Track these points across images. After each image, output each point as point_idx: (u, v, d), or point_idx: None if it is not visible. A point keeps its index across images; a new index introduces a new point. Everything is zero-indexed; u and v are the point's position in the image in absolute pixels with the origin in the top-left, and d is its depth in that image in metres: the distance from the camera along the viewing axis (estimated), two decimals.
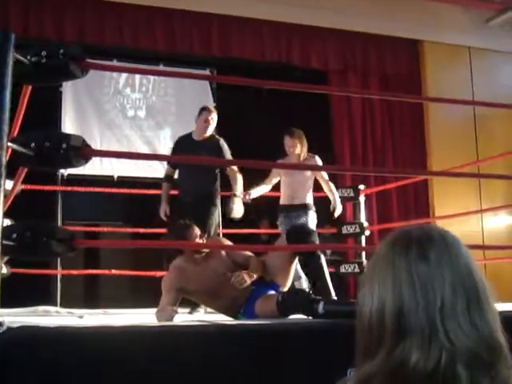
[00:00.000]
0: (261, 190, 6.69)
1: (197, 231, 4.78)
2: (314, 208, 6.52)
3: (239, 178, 6.45)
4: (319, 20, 8.99)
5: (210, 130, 6.63)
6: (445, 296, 1.18)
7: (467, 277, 1.21)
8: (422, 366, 1.14)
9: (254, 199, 6.59)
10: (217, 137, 6.74)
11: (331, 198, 6.60)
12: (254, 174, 6.73)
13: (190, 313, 6.08)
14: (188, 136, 6.75)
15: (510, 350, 1.20)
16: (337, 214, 6.59)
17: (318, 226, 6.51)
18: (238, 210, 6.23)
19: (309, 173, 6.53)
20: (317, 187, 6.68)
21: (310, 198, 6.55)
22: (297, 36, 9.17)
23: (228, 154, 6.57)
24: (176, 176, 6.68)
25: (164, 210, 6.50)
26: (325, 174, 6.63)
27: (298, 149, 6.49)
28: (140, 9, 8.32)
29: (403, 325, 1.18)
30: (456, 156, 8.51)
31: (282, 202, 6.62)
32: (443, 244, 1.24)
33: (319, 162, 6.55)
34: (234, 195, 6.31)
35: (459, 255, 1.24)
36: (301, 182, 6.49)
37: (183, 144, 6.62)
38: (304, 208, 6.47)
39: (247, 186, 6.57)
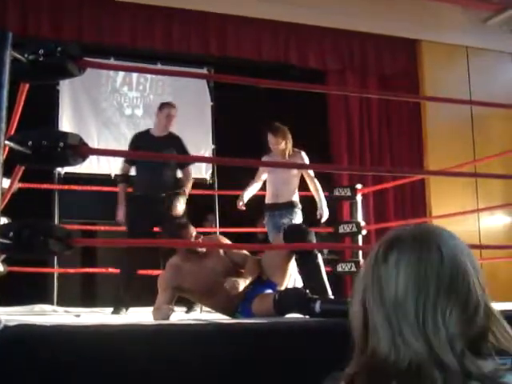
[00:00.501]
0: (252, 190, 6.72)
1: (192, 230, 4.77)
2: (299, 206, 6.51)
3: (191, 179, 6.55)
4: (317, 19, 8.99)
5: (171, 126, 6.60)
6: (398, 294, 1.19)
7: (430, 278, 1.19)
8: (392, 361, 1.15)
9: (252, 199, 6.61)
10: (175, 134, 6.67)
11: (317, 200, 6.57)
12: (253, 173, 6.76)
13: (187, 312, 6.08)
14: (146, 132, 6.69)
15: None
16: (323, 219, 6.58)
17: (313, 225, 6.49)
18: (180, 208, 6.19)
19: (294, 170, 6.52)
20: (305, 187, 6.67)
21: (295, 196, 6.53)
22: (295, 35, 9.17)
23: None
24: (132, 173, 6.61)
25: (122, 211, 6.40)
26: (311, 172, 6.60)
27: (282, 145, 6.45)
28: (137, 7, 8.32)
29: (368, 326, 1.22)
30: (453, 155, 8.51)
31: (266, 200, 6.61)
32: (411, 244, 1.24)
33: (305, 157, 6.49)
34: (182, 193, 6.30)
35: (426, 257, 1.21)
36: (285, 179, 6.46)
37: (141, 140, 6.50)
38: (289, 206, 6.45)
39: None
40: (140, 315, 5.46)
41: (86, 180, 8.02)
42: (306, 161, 6.49)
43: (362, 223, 7.22)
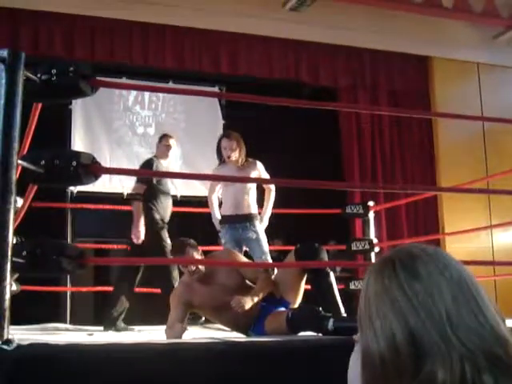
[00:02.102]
0: (216, 208, 6.57)
1: (191, 250, 4.72)
2: (259, 218, 6.37)
3: None
4: (328, 37, 9.02)
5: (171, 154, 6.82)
6: (447, 305, 1.18)
7: (460, 281, 1.21)
8: (449, 382, 1.13)
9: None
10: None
11: (264, 209, 6.47)
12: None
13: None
14: (155, 158, 6.85)
15: None
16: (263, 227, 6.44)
17: (324, 242, 6.41)
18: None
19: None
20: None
21: (254, 208, 6.38)
22: (305, 53, 9.20)
23: None
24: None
25: (140, 231, 6.49)
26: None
27: (237, 153, 6.30)
28: (149, 26, 8.37)
29: (419, 348, 1.16)
30: (465, 172, 8.50)
31: (223, 212, 6.42)
32: (427, 257, 1.24)
33: (261, 167, 6.38)
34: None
35: (446, 263, 1.23)
36: (244, 190, 6.31)
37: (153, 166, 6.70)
38: (251, 219, 6.30)
39: None
40: (152, 334, 5.46)
41: (99, 199, 8.04)
42: (263, 170, 6.38)
43: (375, 240, 7.19)
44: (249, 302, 4.37)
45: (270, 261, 6.41)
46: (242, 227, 6.27)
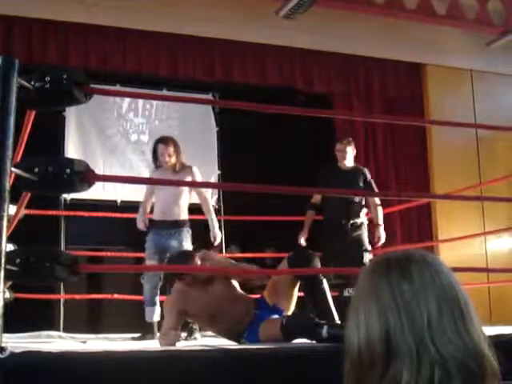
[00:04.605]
0: (144, 213, 6.51)
1: (196, 260, 4.72)
2: (188, 225, 6.35)
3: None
4: (322, 44, 9.04)
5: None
6: (431, 312, 1.20)
7: (450, 292, 1.23)
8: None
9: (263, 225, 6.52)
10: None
11: (209, 221, 6.42)
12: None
13: (186, 338, 6.02)
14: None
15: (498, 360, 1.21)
16: (217, 242, 6.43)
17: (318, 249, 6.39)
18: None
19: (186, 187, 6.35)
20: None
21: (185, 215, 6.36)
22: (299, 60, 9.21)
23: None
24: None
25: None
26: (204, 191, 6.49)
27: (174, 158, 6.29)
28: (142, 34, 8.37)
29: (391, 348, 1.19)
30: (459, 179, 8.52)
31: (153, 217, 6.41)
32: (423, 263, 1.26)
33: (197, 172, 6.41)
34: None
35: (440, 272, 1.25)
36: (175, 195, 6.28)
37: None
38: (178, 226, 6.29)
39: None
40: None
41: (92, 206, 8.03)
42: (198, 176, 6.40)
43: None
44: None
45: None
46: (167, 234, 6.25)
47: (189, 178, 6.30)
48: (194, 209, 6.69)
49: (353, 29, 8.96)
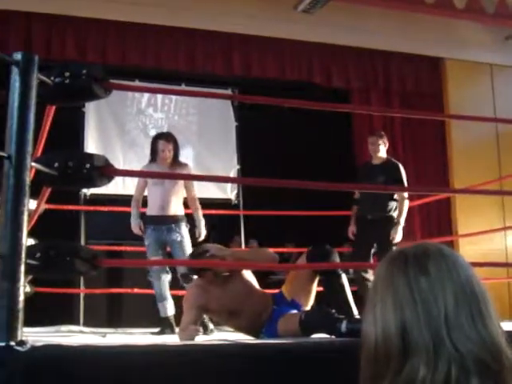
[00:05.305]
0: (138, 214, 6.51)
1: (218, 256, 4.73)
2: (185, 220, 6.36)
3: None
4: (339, 39, 9.01)
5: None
6: (448, 307, 1.19)
7: (467, 286, 1.22)
8: (429, 381, 1.14)
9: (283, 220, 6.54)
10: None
11: (196, 218, 6.43)
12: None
13: (205, 333, 6.01)
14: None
15: None
16: (201, 238, 6.40)
17: (337, 244, 6.41)
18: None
19: (181, 182, 6.34)
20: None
21: (181, 210, 6.37)
22: (317, 55, 9.19)
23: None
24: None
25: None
26: (195, 190, 6.49)
27: (172, 154, 6.32)
28: (161, 29, 8.38)
29: (408, 342, 1.19)
30: (479, 173, 8.47)
31: (149, 212, 6.41)
32: (441, 256, 1.25)
33: (191, 170, 6.52)
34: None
35: (458, 266, 1.25)
36: (172, 191, 6.29)
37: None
38: (177, 221, 6.29)
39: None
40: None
41: (112, 201, 8.06)
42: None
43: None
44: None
45: None
46: (167, 229, 6.26)
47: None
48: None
49: (371, 23, 8.93)
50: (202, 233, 6.39)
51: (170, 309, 6.29)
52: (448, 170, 9.62)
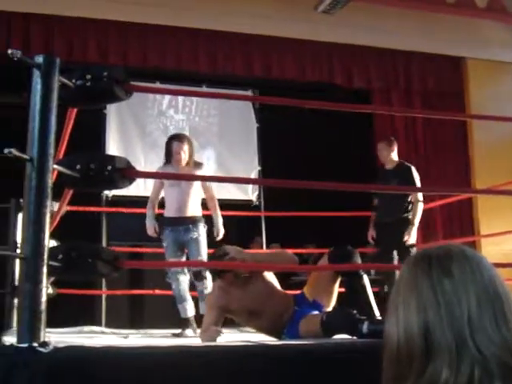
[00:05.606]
0: (153, 216, 6.48)
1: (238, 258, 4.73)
2: (203, 221, 6.33)
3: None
4: (360, 39, 9.00)
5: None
6: (471, 308, 1.18)
7: (491, 287, 1.21)
8: (452, 383, 1.14)
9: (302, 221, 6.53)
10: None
11: (214, 217, 6.41)
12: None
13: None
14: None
15: None
16: (219, 237, 6.37)
17: (358, 245, 6.39)
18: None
19: (198, 182, 6.31)
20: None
21: (199, 211, 6.34)
22: (338, 55, 9.19)
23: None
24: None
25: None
26: (213, 189, 6.47)
27: (187, 156, 6.26)
28: (182, 31, 8.40)
29: (430, 343, 1.18)
30: (500, 173, 8.42)
31: (167, 214, 6.36)
32: (464, 258, 1.25)
33: (206, 170, 6.49)
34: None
35: (481, 267, 1.24)
36: (189, 192, 6.25)
37: None
38: (195, 221, 6.26)
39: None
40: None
41: (133, 202, 8.08)
42: (207, 173, 6.50)
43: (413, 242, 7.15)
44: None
45: None
46: (184, 229, 6.23)
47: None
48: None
49: (391, 23, 8.91)
50: (221, 232, 6.37)
51: (190, 310, 6.29)
52: (469, 170, 9.57)
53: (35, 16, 7.81)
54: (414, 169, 7.09)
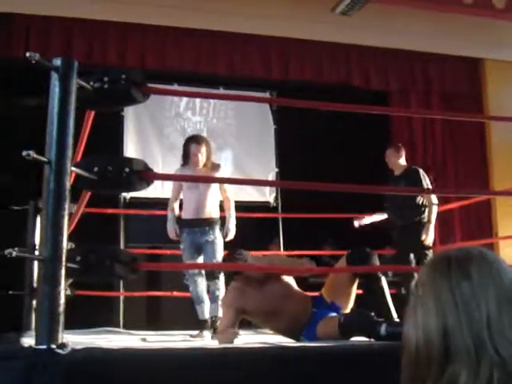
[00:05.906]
0: (174, 219, 6.47)
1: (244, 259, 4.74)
2: (219, 222, 6.31)
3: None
4: (378, 40, 8.99)
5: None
6: (490, 312, 1.18)
7: (510, 291, 1.21)
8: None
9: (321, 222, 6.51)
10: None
11: (227, 217, 6.41)
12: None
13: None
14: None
15: None
16: (229, 238, 6.36)
17: (377, 247, 6.37)
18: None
19: (216, 184, 6.31)
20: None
21: (216, 212, 6.33)
22: (356, 57, 9.18)
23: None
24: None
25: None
26: (230, 190, 6.47)
27: (204, 157, 6.25)
28: (199, 33, 8.42)
29: (449, 346, 1.18)
30: None
31: (184, 216, 6.35)
32: (483, 261, 1.24)
33: (223, 171, 6.46)
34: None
35: (501, 270, 1.23)
36: (207, 193, 6.24)
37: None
38: (211, 223, 6.24)
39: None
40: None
41: (151, 204, 8.10)
42: (226, 174, 6.49)
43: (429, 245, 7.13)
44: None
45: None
46: (201, 231, 6.21)
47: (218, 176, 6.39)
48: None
49: (409, 24, 8.88)
50: (230, 232, 6.36)
51: (206, 311, 6.30)
52: (488, 172, 9.54)
53: (54, 19, 7.87)
54: (422, 171, 7.11)
